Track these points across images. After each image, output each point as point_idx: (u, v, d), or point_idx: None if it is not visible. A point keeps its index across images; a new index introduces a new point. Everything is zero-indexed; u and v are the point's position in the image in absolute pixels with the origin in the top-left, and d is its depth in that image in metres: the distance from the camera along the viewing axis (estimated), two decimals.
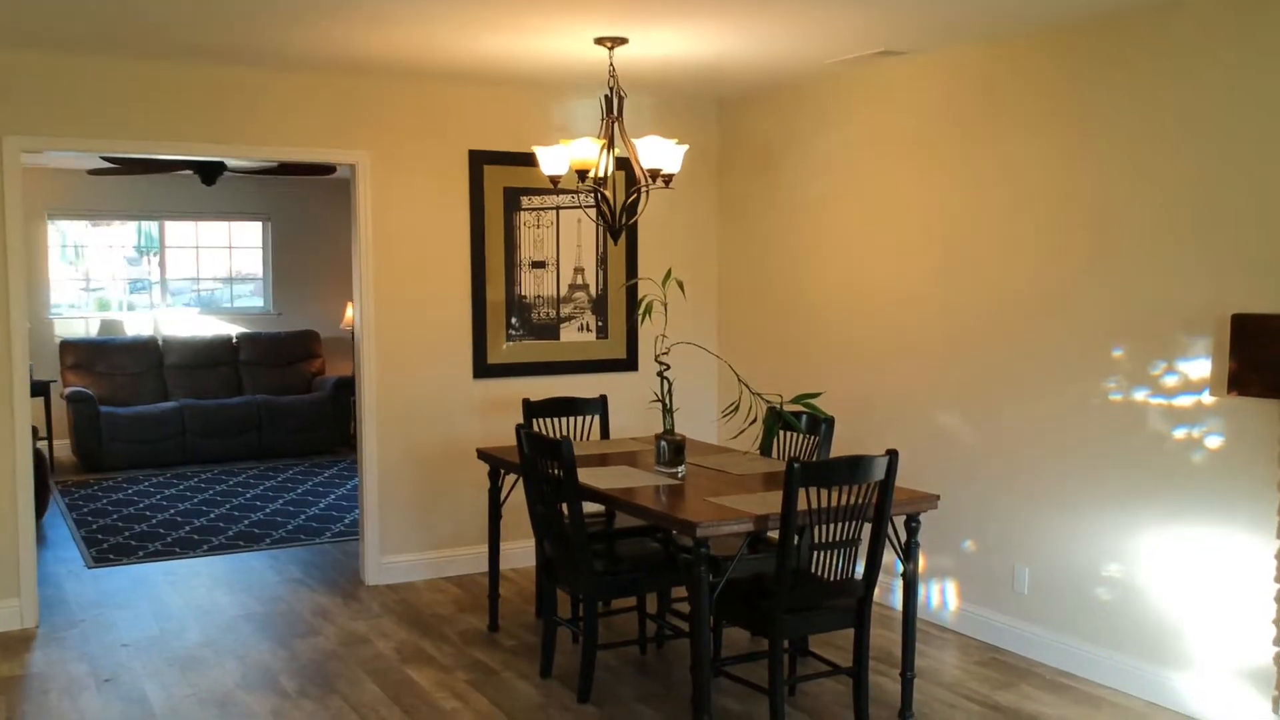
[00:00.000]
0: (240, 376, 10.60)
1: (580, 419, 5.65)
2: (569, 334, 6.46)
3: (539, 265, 6.35)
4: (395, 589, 5.93)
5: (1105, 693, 4.46)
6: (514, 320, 6.30)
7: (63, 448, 10.05)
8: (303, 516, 7.65)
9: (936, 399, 5.32)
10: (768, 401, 4.43)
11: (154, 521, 7.48)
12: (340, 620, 5.40)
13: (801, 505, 3.73)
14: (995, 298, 5.00)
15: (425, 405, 6.10)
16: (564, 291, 6.43)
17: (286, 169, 8.46)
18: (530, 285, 6.33)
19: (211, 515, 7.68)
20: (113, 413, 9.47)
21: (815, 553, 3.84)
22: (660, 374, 4.64)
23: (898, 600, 5.57)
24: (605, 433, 5.65)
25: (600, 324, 6.53)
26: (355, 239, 5.96)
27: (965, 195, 5.13)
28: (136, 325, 10.72)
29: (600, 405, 5.65)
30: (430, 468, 6.13)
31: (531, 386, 6.10)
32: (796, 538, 3.81)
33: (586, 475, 4.51)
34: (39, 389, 9.38)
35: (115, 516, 7.63)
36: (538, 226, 6.33)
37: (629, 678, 4.65)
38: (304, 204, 11.20)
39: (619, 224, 4.89)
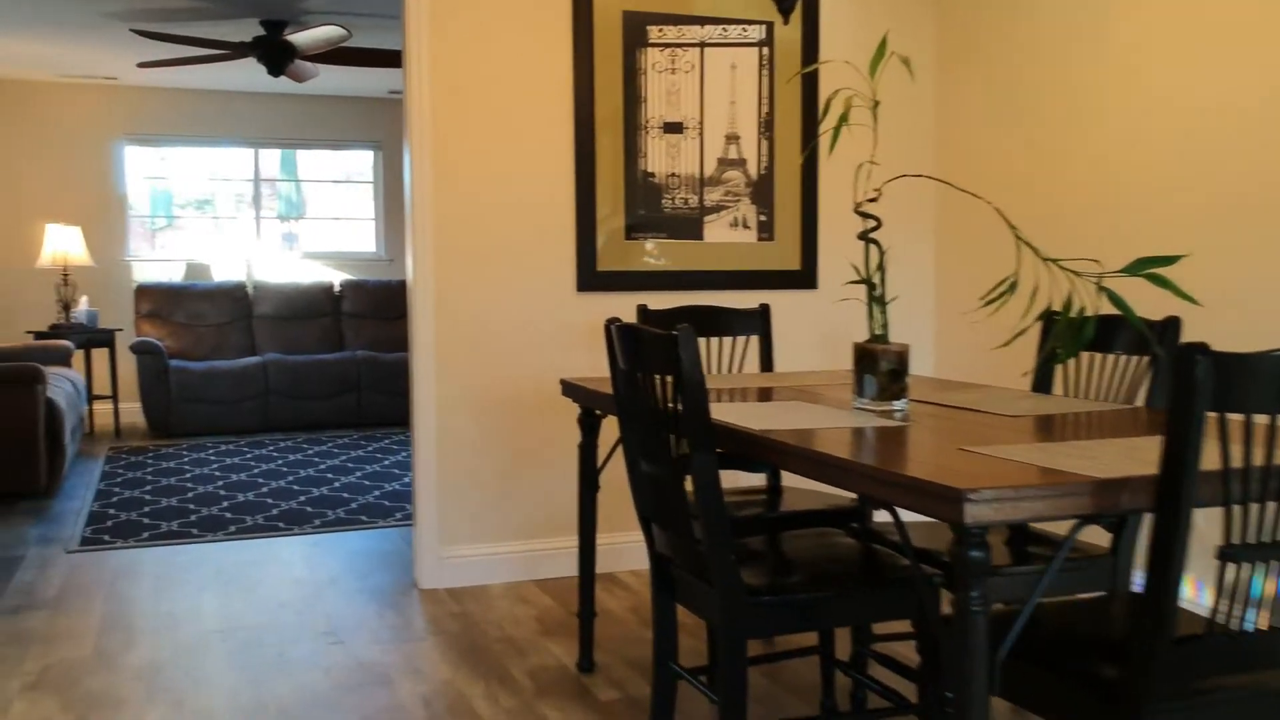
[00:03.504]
0: (342, 330, 8.98)
1: (727, 342, 3.65)
2: (717, 232, 4.44)
3: (674, 129, 4.36)
4: (459, 596, 4.04)
5: None
6: (638, 210, 4.33)
7: (136, 410, 8.64)
8: (376, 493, 5.88)
9: None
10: (1073, 272, 2.32)
11: (187, 495, 5.83)
12: (360, 644, 3.54)
13: (1207, 462, 1.63)
14: None
15: (506, 330, 4.20)
16: (710, 170, 4.41)
17: (351, 57, 6.70)
18: (661, 158, 4.35)
19: (265, 489, 5.99)
20: (183, 368, 7.95)
21: (1226, 569, 1.72)
22: (865, 235, 2.59)
23: None
24: (768, 363, 3.63)
25: (763, 218, 4.50)
26: (406, 92, 4.10)
27: None
28: (228, 270, 9.23)
29: (759, 321, 3.63)
30: (513, 421, 4.22)
31: (659, 304, 4.11)
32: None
33: (730, 412, 2.52)
34: (100, 339, 7.95)
35: (146, 488, 6.02)
36: (672, 71, 4.34)
37: None
38: None
39: None
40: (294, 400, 8.17)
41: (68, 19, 6.29)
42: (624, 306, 4.28)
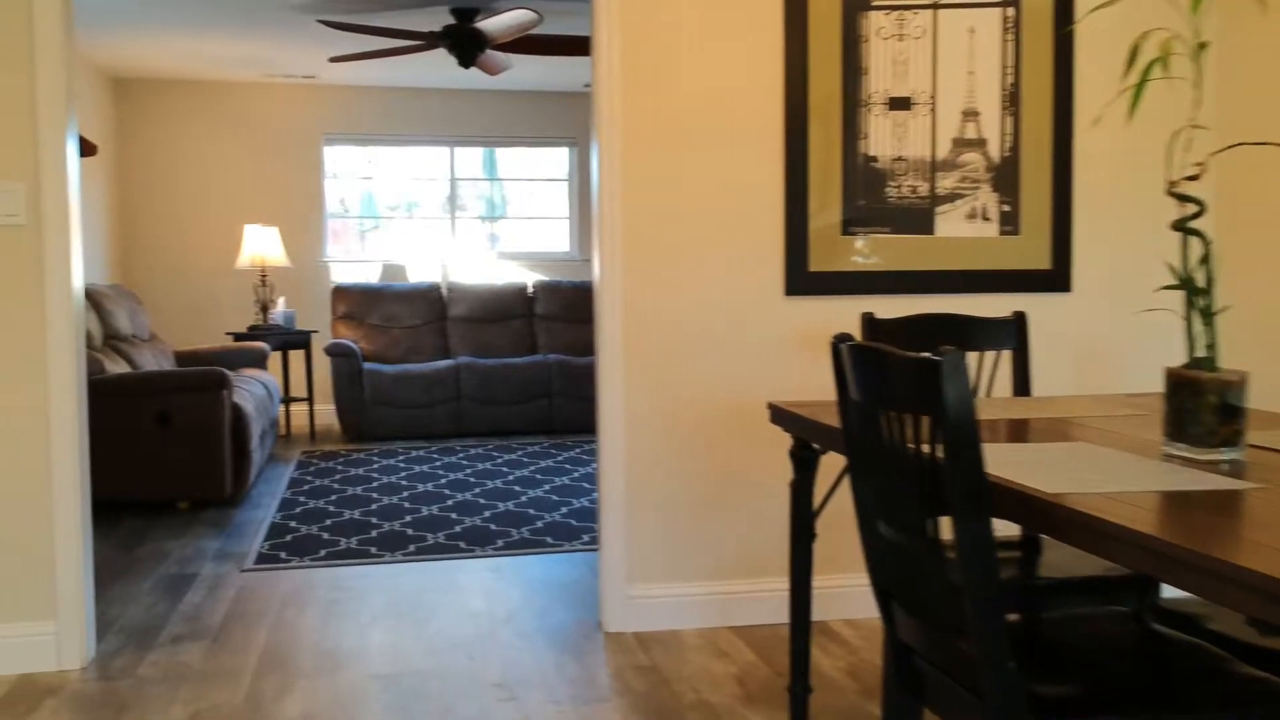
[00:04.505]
0: (535, 333, 8.67)
1: (972, 357, 3.02)
2: (951, 225, 3.80)
3: (901, 105, 3.74)
4: (647, 643, 3.55)
5: None
6: (857, 201, 3.73)
7: (332, 413, 8.55)
8: (564, 509, 5.47)
9: None
10: None
11: (371, 508, 5.56)
12: (533, 701, 3.08)
13: None
14: None
15: (704, 339, 3.68)
16: (944, 152, 3.77)
17: (542, 45, 6.32)
18: (885, 140, 3.74)
19: (450, 502, 5.67)
20: (376, 371, 7.78)
21: None
22: (1183, 223, 1.94)
23: None
24: (1023, 384, 2.98)
25: (1006, 208, 3.82)
26: (595, 79, 3.63)
27: None
28: (424, 272, 9.05)
29: (1013, 333, 2.98)
30: (711, 442, 3.70)
31: (883, 311, 3.49)
32: None
33: (997, 460, 1.93)
34: (297, 341, 7.87)
35: (331, 498, 5.80)
36: (899, 37, 3.72)
37: None
38: None
39: None
40: (485, 405, 7.89)
41: (257, 13, 6.15)
42: (841, 313, 3.69)
